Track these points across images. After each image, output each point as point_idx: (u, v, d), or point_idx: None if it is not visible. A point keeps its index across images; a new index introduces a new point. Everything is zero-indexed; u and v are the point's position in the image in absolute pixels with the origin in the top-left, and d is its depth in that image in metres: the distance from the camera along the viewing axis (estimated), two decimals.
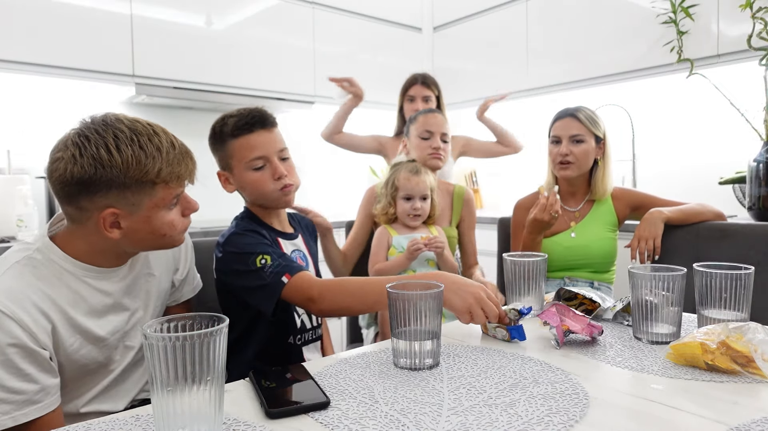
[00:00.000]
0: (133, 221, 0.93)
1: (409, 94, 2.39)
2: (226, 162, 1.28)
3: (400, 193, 1.74)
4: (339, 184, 3.54)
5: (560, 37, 2.86)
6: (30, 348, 0.87)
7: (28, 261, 0.93)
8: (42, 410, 0.88)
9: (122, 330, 1.04)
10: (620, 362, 0.90)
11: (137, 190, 0.91)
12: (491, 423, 0.68)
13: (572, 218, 1.84)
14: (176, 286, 1.21)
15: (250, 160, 1.24)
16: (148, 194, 0.92)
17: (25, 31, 2.15)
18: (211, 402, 0.63)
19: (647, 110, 2.80)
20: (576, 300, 1.19)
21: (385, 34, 3.32)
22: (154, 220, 0.95)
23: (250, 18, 2.78)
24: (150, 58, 2.45)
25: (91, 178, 0.88)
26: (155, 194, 0.93)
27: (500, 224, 2.05)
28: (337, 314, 1.20)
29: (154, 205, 0.94)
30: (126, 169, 0.89)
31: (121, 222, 0.92)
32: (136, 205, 0.92)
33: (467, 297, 0.99)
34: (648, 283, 0.98)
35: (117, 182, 0.89)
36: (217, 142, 1.28)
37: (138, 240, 0.96)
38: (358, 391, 0.80)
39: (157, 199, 0.93)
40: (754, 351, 0.82)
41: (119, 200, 0.91)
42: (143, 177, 0.90)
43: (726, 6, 2.23)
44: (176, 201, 0.98)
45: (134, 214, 0.93)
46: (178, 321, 0.66)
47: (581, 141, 1.76)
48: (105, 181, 0.88)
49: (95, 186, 0.89)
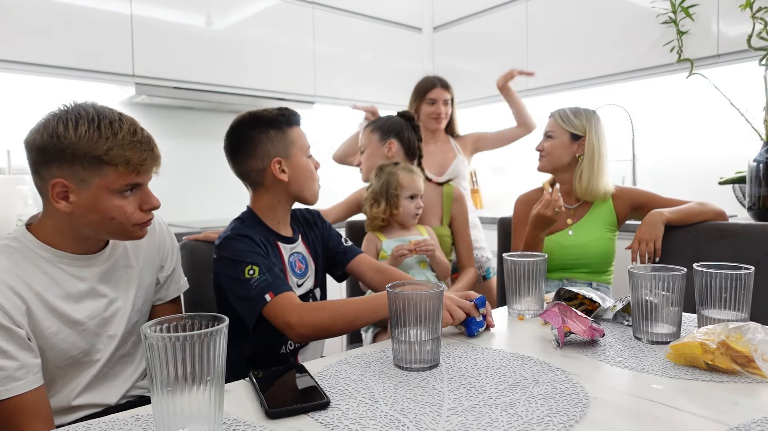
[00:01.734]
0: (81, 197, 0.97)
1: (430, 97, 2.33)
2: (284, 149, 1.29)
3: (405, 192, 1.73)
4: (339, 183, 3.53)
5: (560, 37, 2.86)
6: (5, 326, 0.90)
7: (3, 249, 0.97)
8: (25, 387, 0.91)
9: (100, 316, 1.06)
10: (620, 362, 0.90)
11: (87, 166, 0.95)
12: (491, 423, 0.68)
13: (569, 215, 1.84)
14: (161, 283, 1.22)
15: (307, 148, 1.33)
16: (97, 173, 0.96)
17: (25, 31, 2.15)
18: (211, 402, 0.63)
19: (647, 110, 2.80)
20: (576, 300, 1.19)
21: (385, 34, 3.32)
22: (102, 201, 0.98)
23: (250, 18, 2.78)
24: (150, 58, 2.45)
25: (46, 147, 0.95)
26: (105, 175, 0.96)
27: (500, 224, 2.05)
28: (317, 335, 1.18)
29: (104, 186, 0.97)
30: (77, 142, 0.94)
31: (70, 195, 0.97)
32: (85, 181, 0.96)
33: None
34: (648, 283, 0.98)
35: (68, 154, 0.94)
36: (273, 128, 1.29)
37: (89, 220, 0.99)
38: (358, 391, 0.80)
39: (107, 180, 0.97)
40: (754, 351, 0.82)
41: (70, 173, 0.95)
42: (91, 152, 0.95)
43: (726, 6, 2.23)
44: (130, 189, 1.00)
45: (83, 190, 0.96)
46: (178, 321, 0.66)
47: (551, 137, 1.84)
48: (58, 152, 0.94)
49: (50, 155, 0.95)
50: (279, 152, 1.28)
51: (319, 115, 3.34)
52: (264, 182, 1.30)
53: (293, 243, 1.36)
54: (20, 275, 0.96)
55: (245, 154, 1.29)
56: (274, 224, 1.33)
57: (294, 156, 1.29)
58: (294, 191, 1.32)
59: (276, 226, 1.34)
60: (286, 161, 1.29)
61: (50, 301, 0.98)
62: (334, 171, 3.61)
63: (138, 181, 1.01)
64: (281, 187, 1.30)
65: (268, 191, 1.31)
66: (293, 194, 1.33)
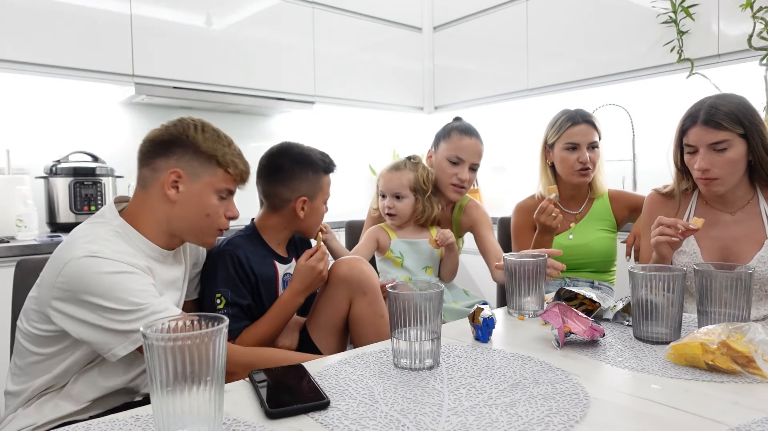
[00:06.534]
0: (189, 189, 1.10)
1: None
2: (313, 191, 1.39)
3: (380, 190, 1.73)
4: (339, 183, 3.53)
5: (560, 37, 2.86)
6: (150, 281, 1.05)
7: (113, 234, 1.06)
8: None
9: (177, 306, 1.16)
10: (620, 362, 0.90)
11: (205, 161, 1.11)
12: (491, 423, 0.68)
13: (572, 220, 1.84)
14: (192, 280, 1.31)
15: (328, 196, 1.45)
16: (210, 171, 1.12)
17: (25, 31, 2.15)
18: (211, 402, 0.63)
19: (647, 110, 2.80)
20: (576, 301, 1.19)
21: (385, 34, 3.32)
22: (204, 197, 1.12)
23: (250, 18, 2.78)
24: (150, 58, 2.45)
25: (173, 140, 1.10)
26: (214, 174, 1.12)
27: (500, 224, 2.05)
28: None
29: (210, 184, 1.12)
30: (202, 141, 1.11)
31: (180, 186, 1.10)
32: (198, 175, 1.11)
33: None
34: (648, 283, 0.98)
35: (193, 147, 1.10)
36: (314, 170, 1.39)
37: (187, 213, 1.11)
38: (358, 391, 0.80)
39: (215, 179, 1.12)
40: (754, 352, 0.82)
41: (188, 165, 1.10)
42: (213, 152, 1.11)
43: (726, 6, 2.23)
44: (226, 194, 1.16)
45: (193, 183, 1.11)
46: (177, 321, 0.66)
47: (597, 147, 1.78)
48: (184, 144, 1.10)
49: (174, 146, 1.10)
50: (308, 193, 1.38)
51: (319, 115, 3.34)
52: (282, 209, 1.39)
53: (287, 264, 1.43)
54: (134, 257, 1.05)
55: (280, 181, 1.37)
56: (273, 244, 1.41)
57: (317, 200, 1.40)
58: (302, 227, 1.43)
59: (275, 246, 1.41)
60: (310, 203, 1.39)
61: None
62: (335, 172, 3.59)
63: (233, 189, 1.17)
64: (294, 220, 1.40)
65: (281, 217, 1.40)
66: (299, 228, 1.44)
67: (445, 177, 1.73)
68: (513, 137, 3.37)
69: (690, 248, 1.40)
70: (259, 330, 1.28)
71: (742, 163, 1.33)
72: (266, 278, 1.35)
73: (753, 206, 1.38)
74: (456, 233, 1.85)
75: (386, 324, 1.32)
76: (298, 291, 1.30)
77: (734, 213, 1.40)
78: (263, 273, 1.34)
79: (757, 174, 1.36)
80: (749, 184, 1.39)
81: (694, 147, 1.36)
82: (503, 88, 3.13)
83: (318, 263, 1.30)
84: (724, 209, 1.41)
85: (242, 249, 1.32)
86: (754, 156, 1.32)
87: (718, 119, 1.30)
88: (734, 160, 1.31)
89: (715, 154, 1.32)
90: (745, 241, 1.36)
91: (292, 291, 1.30)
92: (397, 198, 1.70)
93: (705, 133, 1.32)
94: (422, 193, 1.70)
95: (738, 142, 1.31)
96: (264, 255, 1.37)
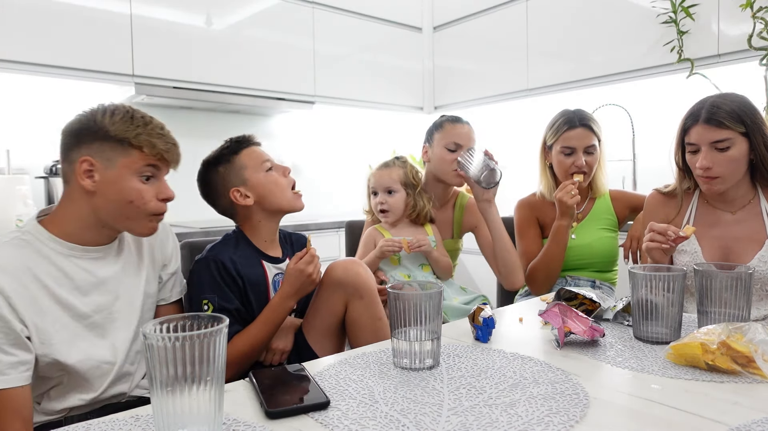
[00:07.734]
0: (105, 177, 1.03)
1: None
2: (237, 176, 1.33)
3: (370, 188, 1.73)
4: (339, 183, 3.54)
5: (560, 37, 2.85)
6: (5, 317, 0.94)
7: (16, 242, 1.02)
8: (8, 383, 0.93)
9: (107, 310, 1.09)
10: (620, 362, 0.90)
11: (116, 145, 1.03)
12: (491, 423, 0.68)
13: (575, 220, 1.84)
14: (164, 282, 1.24)
15: (263, 162, 1.35)
16: (122, 154, 1.04)
17: (25, 31, 2.15)
18: (211, 402, 0.63)
19: (647, 110, 2.80)
20: (576, 301, 1.19)
21: (385, 34, 3.32)
22: (123, 181, 1.04)
23: (250, 18, 2.78)
24: (150, 58, 2.45)
25: (81, 129, 1.05)
26: (129, 155, 1.04)
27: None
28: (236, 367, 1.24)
29: (126, 166, 1.04)
30: (110, 125, 1.04)
31: (95, 174, 1.03)
32: (111, 161, 1.03)
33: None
34: (648, 283, 0.98)
35: (99, 135, 1.03)
36: (221, 163, 1.35)
37: (109, 200, 1.04)
38: (358, 391, 0.80)
39: (131, 160, 1.04)
40: (754, 352, 0.82)
41: (98, 152, 1.03)
42: (123, 134, 1.04)
43: (726, 6, 2.23)
44: (149, 174, 1.07)
45: (108, 169, 1.03)
46: (177, 322, 0.66)
47: (594, 151, 1.77)
48: (91, 133, 1.04)
49: (82, 136, 1.04)
50: (233, 182, 1.33)
51: (319, 115, 3.34)
52: (238, 212, 1.36)
53: (280, 263, 1.40)
54: (31, 268, 0.99)
55: (212, 197, 1.38)
56: (261, 243, 1.38)
57: (250, 177, 1.33)
58: (267, 207, 1.36)
59: (263, 246, 1.38)
60: (245, 186, 1.33)
61: (59, 294, 1.02)
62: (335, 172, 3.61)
63: (158, 164, 1.07)
64: (254, 210, 1.35)
65: (246, 218, 1.37)
66: (268, 210, 1.36)
67: (445, 165, 1.73)
68: (513, 137, 3.37)
69: (691, 247, 1.41)
70: (250, 334, 1.26)
71: (743, 162, 1.33)
72: (254, 280, 1.33)
73: (754, 206, 1.39)
74: (457, 233, 1.85)
75: (384, 326, 1.31)
76: (289, 294, 1.27)
77: (735, 212, 1.40)
78: (250, 275, 1.32)
79: (758, 173, 1.36)
80: (750, 183, 1.39)
81: (696, 145, 1.36)
82: (503, 88, 3.12)
83: (307, 266, 1.25)
84: (725, 208, 1.41)
85: (225, 254, 1.30)
86: (756, 155, 1.32)
87: (720, 118, 1.30)
88: (736, 159, 1.31)
89: (716, 153, 1.32)
90: (746, 241, 1.36)
91: (282, 295, 1.27)
92: (389, 193, 1.72)
93: (707, 131, 1.32)
94: (412, 187, 1.73)
95: (740, 141, 1.31)
96: (249, 257, 1.34)
